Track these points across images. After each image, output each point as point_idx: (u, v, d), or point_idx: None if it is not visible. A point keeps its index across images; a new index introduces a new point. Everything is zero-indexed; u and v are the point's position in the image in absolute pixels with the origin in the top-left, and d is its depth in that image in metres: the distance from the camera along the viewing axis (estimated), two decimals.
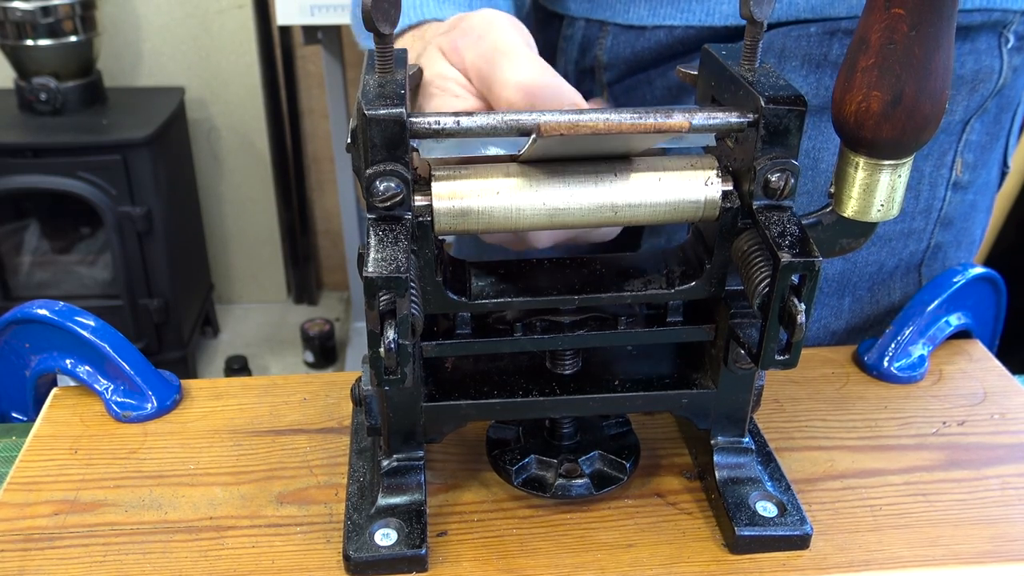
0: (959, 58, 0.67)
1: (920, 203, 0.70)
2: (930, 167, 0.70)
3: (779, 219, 0.44)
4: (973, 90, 0.68)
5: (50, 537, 0.51)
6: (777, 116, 0.43)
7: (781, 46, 0.68)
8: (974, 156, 0.71)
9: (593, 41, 0.75)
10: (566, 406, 0.52)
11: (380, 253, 0.40)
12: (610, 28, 0.73)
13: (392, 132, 0.42)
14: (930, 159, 0.70)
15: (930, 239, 0.71)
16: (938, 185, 0.70)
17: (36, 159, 1.89)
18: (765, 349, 0.43)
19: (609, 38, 0.73)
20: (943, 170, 0.70)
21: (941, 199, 0.71)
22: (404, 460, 0.51)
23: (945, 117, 0.67)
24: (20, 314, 0.60)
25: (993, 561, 0.50)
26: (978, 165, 0.72)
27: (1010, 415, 0.62)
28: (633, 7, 0.71)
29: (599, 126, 0.41)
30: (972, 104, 0.69)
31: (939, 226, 0.71)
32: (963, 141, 0.70)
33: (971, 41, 0.67)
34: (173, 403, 0.61)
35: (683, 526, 0.52)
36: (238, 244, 2.52)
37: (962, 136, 0.70)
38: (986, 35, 0.67)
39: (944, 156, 0.70)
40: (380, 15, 0.41)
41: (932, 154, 0.70)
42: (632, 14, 0.71)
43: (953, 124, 0.69)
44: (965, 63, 0.67)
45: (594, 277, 0.50)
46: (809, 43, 0.67)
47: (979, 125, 0.70)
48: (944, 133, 0.69)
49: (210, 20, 2.22)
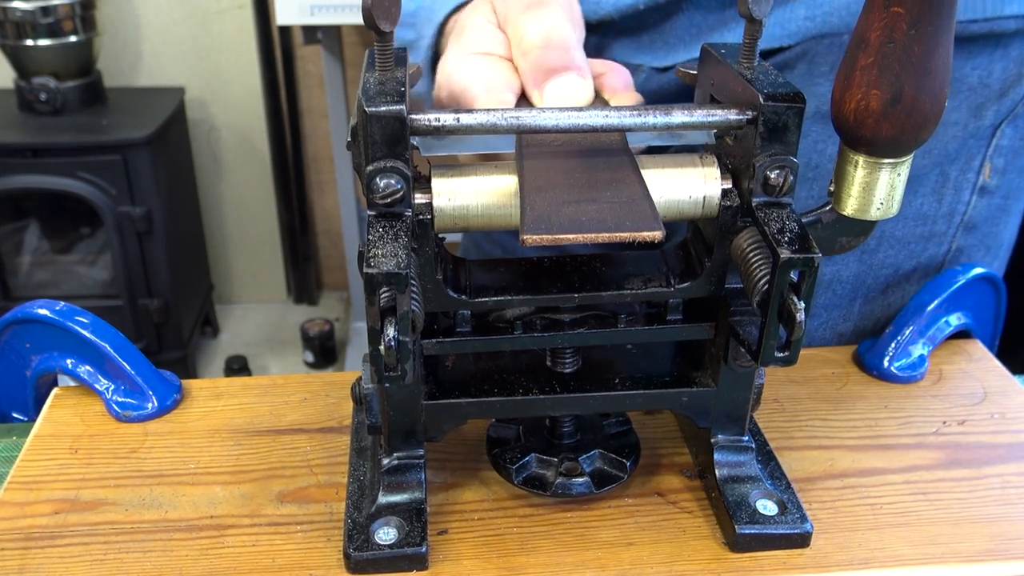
0: (989, 64, 0.67)
1: (943, 207, 0.70)
2: (956, 171, 0.69)
3: (778, 216, 0.44)
4: (1003, 95, 0.68)
5: (51, 536, 0.51)
6: (776, 113, 0.43)
7: (813, 53, 0.68)
8: (1005, 161, 0.70)
9: None
10: (566, 404, 0.52)
11: (380, 250, 0.40)
12: (645, 69, 0.75)
13: (393, 129, 0.42)
14: (957, 163, 0.69)
15: (951, 243, 0.71)
16: (963, 189, 0.70)
17: (36, 159, 1.89)
18: (765, 346, 0.44)
19: (642, 77, 0.75)
20: (969, 174, 0.70)
21: (965, 203, 0.70)
22: (404, 458, 0.51)
23: (975, 122, 0.68)
24: (21, 314, 0.60)
25: (993, 559, 0.50)
26: (1008, 170, 0.71)
27: (1010, 415, 0.62)
28: (672, 52, 0.73)
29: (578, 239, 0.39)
30: (1003, 109, 0.68)
31: (962, 230, 0.71)
32: (993, 146, 0.70)
33: (1003, 48, 0.67)
34: (173, 403, 0.61)
35: (683, 524, 0.52)
36: (238, 244, 2.52)
37: (992, 141, 0.69)
38: (1019, 41, 0.67)
39: (972, 160, 0.69)
40: (380, 13, 0.41)
41: (959, 158, 0.69)
42: (669, 57, 0.73)
43: (983, 129, 0.69)
44: (994, 69, 0.67)
45: (594, 275, 0.50)
46: (840, 50, 0.67)
47: (1011, 130, 0.70)
48: (974, 138, 0.69)
49: (210, 20, 2.22)
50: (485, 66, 0.54)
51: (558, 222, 0.40)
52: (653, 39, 0.75)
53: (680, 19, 0.72)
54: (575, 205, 0.41)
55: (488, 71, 0.53)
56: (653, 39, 0.75)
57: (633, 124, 0.44)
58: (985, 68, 0.67)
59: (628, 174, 0.44)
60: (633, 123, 0.44)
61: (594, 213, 0.40)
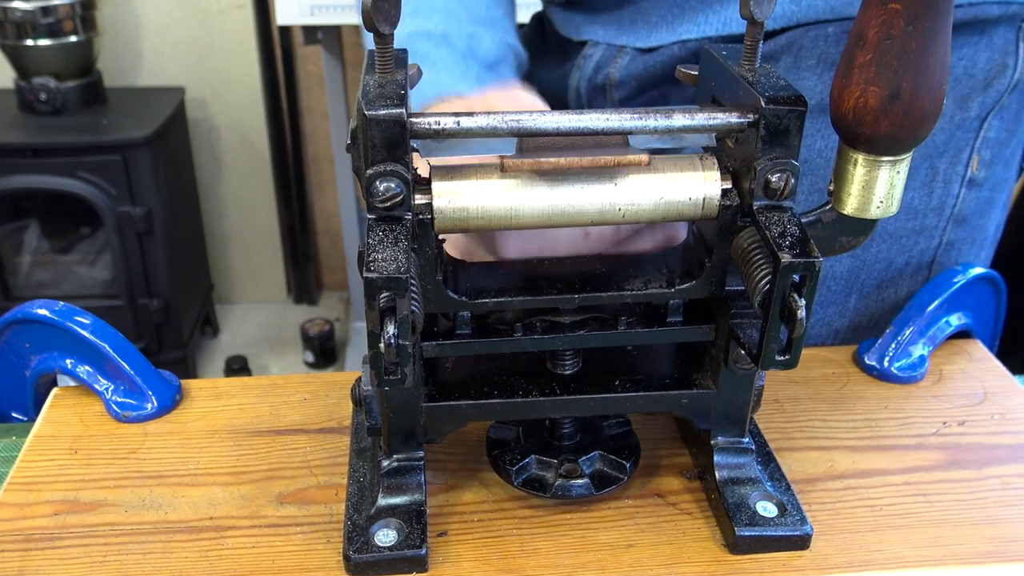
0: (974, 54, 0.66)
1: (933, 200, 0.70)
2: (945, 164, 0.69)
3: (779, 219, 0.44)
4: (988, 86, 0.68)
5: (50, 537, 0.51)
6: (777, 116, 0.43)
7: (799, 46, 0.68)
8: (991, 153, 0.70)
9: (609, 61, 0.77)
10: (566, 406, 0.52)
11: (380, 254, 0.40)
12: (628, 50, 0.75)
13: (392, 132, 0.42)
14: (945, 156, 0.69)
15: (942, 236, 0.71)
16: (952, 182, 0.70)
17: (36, 159, 1.90)
18: (765, 349, 0.43)
19: (626, 59, 0.75)
20: (958, 167, 0.69)
21: (955, 196, 0.70)
22: (404, 460, 0.51)
23: (960, 113, 0.67)
24: (20, 314, 0.60)
25: (993, 561, 0.50)
26: (995, 162, 0.71)
27: (1010, 415, 0.62)
28: (655, 32, 0.72)
29: (560, 163, 0.43)
30: (988, 100, 0.68)
31: (952, 223, 0.71)
32: (980, 138, 0.69)
33: (987, 36, 0.66)
34: (173, 403, 0.61)
35: (683, 526, 0.52)
36: (238, 244, 2.52)
37: (979, 133, 0.69)
38: (1003, 29, 0.66)
39: (960, 153, 0.69)
40: (380, 15, 0.41)
41: (948, 151, 0.69)
42: (652, 37, 0.73)
43: (969, 120, 0.68)
44: (979, 59, 0.67)
45: (594, 276, 0.50)
46: (827, 43, 0.67)
47: (997, 122, 0.69)
48: (961, 130, 0.68)
49: (210, 20, 2.22)
50: None
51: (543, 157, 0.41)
52: (635, 18, 0.74)
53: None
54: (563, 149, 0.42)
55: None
56: (635, 18, 0.74)
57: (634, 127, 0.44)
58: (970, 58, 0.67)
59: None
60: (634, 126, 0.44)
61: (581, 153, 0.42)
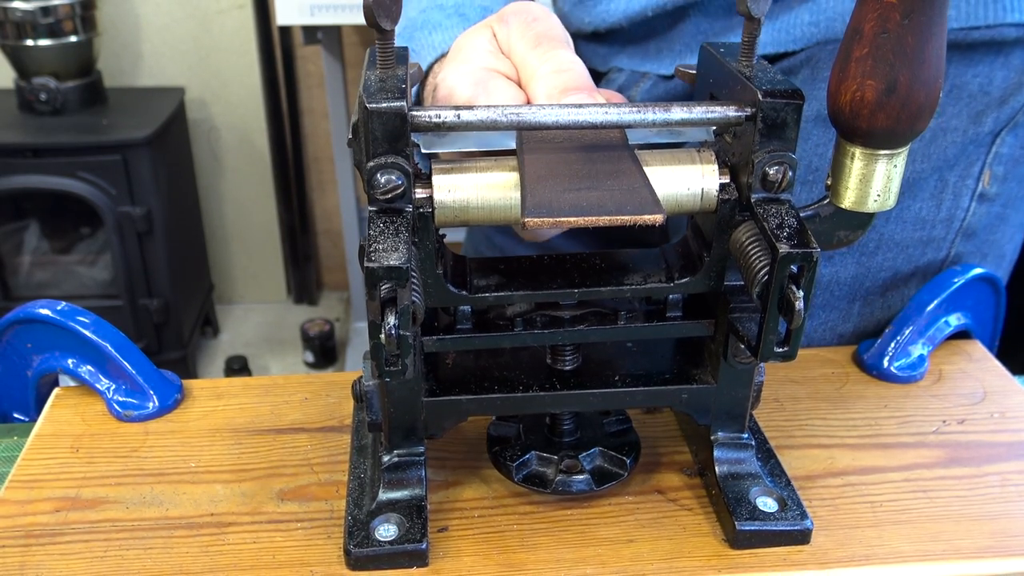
0: (990, 72, 0.67)
1: (942, 212, 0.70)
2: (955, 177, 0.70)
3: (777, 211, 0.44)
4: (1003, 103, 0.68)
5: (51, 533, 0.51)
6: (774, 110, 0.44)
7: (816, 59, 0.68)
8: (1004, 169, 0.70)
9: (631, 85, 0.78)
10: (566, 401, 0.52)
11: (381, 244, 0.40)
12: (651, 76, 0.76)
13: (393, 125, 0.42)
14: (956, 169, 0.69)
15: (950, 248, 0.71)
16: (962, 195, 0.70)
17: (36, 159, 1.89)
18: (764, 341, 0.44)
19: (648, 83, 0.76)
20: (969, 180, 0.70)
21: (964, 209, 0.70)
22: (405, 455, 0.51)
23: (974, 128, 0.68)
24: (22, 314, 0.60)
25: (994, 556, 0.50)
26: (1009, 178, 0.71)
27: (1010, 414, 0.62)
28: (679, 60, 0.73)
29: (579, 222, 0.40)
30: (1003, 117, 0.69)
31: (960, 236, 0.71)
32: (992, 153, 0.70)
33: (1004, 56, 0.67)
34: (174, 402, 0.61)
35: (683, 522, 0.52)
36: (238, 244, 2.52)
37: (992, 148, 0.69)
38: (1020, 50, 0.67)
39: (971, 167, 0.70)
40: (381, 11, 0.41)
41: (959, 164, 0.69)
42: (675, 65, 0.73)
43: (982, 135, 0.69)
44: (995, 77, 0.67)
45: (594, 272, 0.50)
46: None
47: (1011, 139, 0.70)
48: (973, 144, 0.69)
49: (210, 20, 2.22)
50: (491, 80, 0.52)
51: (559, 207, 0.40)
52: (660, 47, 0.75)
53: (687, 26, 0.72)
54: (576, 192, 0.41)
55: (495, 85, 0.52)
56: (660, 47, 0.75)
57: (633, 120, 0.44)
58: (986, 76, 0.67)
59: (629, 166, 0.44)
60: (633, 119, 0.44)
61: (595, 199, 0.41)
